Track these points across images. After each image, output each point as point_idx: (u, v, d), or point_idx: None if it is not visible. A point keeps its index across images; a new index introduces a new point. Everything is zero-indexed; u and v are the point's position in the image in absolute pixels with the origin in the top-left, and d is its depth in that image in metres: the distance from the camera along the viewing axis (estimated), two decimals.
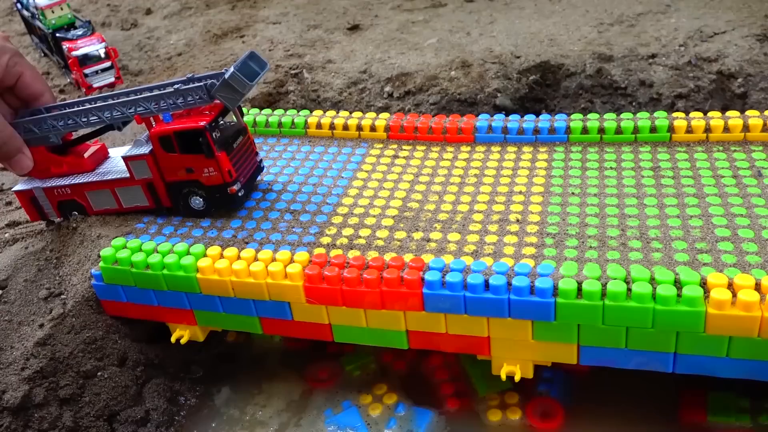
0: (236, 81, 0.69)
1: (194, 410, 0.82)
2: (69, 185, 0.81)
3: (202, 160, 0.75)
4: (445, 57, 1.23)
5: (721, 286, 0.58)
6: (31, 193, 0.83)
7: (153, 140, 0.75)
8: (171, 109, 0.73)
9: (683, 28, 1.20)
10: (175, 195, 0.79)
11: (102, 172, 0.82)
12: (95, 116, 0.75)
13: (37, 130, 0.77)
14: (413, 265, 0.67)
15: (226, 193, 0.77)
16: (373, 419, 0.77)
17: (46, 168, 0.82)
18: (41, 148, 0.79)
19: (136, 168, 0.78)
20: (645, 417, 0.73)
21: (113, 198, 0.81)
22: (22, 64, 0.75)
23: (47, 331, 0.75)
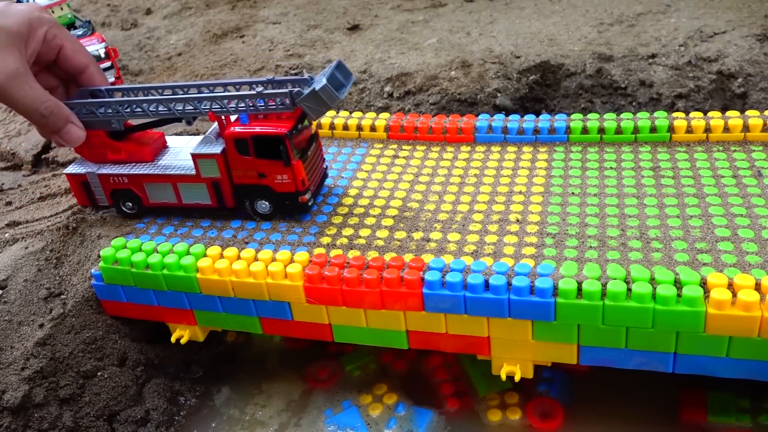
0: (326, 93, 0.67)
1: (194, 410, 0.82)
2: (127, 174, 0.79)
3: (276, 167, 0.73)
4: (445, 57, 1.23)
5: (721, 286, 0.58)
6: (84, 178, 0.81)
7: (228, 141, 0.73)
8: (249, 111, 0.71)
9: (683, 28, 1.20)
10: (241, 197, 0.77)
11: (164, 165, 0.79)
12: (165, 107, 0.73)
13: (100, 114, 0.74)
14: (413, 265, 0.67)
15: (296, 201, 0.75)
16: (373, 419, 0.77)
17: (102, 153, 0.79)
18: (100, 132, 0.77)
19: (203, 166, 0.75)
20: (645, 417, 0.73)
21: (173, 193, 0.79)
22: (61, 36, 0.70)
23: (47, 331, 0.75)
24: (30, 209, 0.97)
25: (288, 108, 0.70)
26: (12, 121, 1.30)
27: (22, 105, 0.65)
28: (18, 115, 1.32)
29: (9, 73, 0.63)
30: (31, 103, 0.65)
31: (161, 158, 0.80)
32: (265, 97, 0.70)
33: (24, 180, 1.15)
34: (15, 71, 0.63)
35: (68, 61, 0.72)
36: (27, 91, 0.65)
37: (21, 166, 1.19)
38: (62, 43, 0.70)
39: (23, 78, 0.64)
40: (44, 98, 0.66)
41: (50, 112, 0.68)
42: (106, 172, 0.79)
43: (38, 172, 1.17)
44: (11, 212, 0.99)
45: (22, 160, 1.19)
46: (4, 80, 0.62)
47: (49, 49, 0.70)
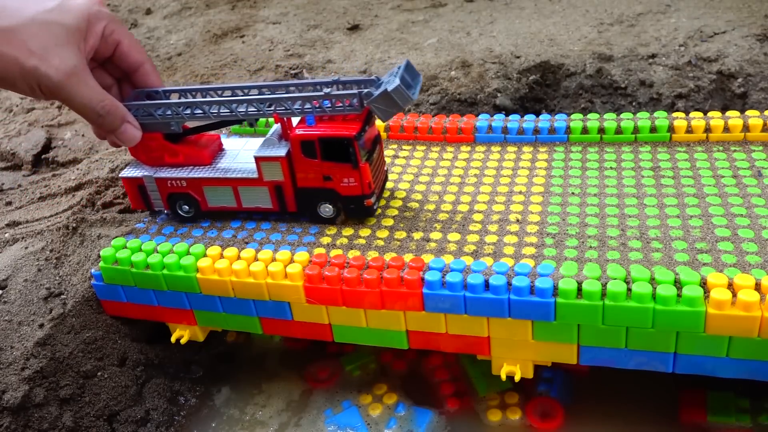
0: (399, 94, 0.65)
1: (194, 410, 0.82)
2: (186, 178, 0.77)
3: (344, 170, 0.71)
4: (445, 57, 1.23)
5: (721, 286, 0.58)
6: (140, 181, 0.78)
7: (293, 143, 0.71)
8: (316, 112, 0.69)
9: (683, 28, 1.20)
10: (304, 201, 0.75)
11: (224, 168, 0.77)
12: (227, 109, 0.71)
13: (158, 116, 0.72)
14: (413, 265, 0.67)
15: (361, 204, 0.73)
16: (373, 419, 0.77)
17: (159, 156, 0.77)
18: (157, 135, 0.75)
19: (267, 169, 0.73)
20: (645, 417, 0.73)
21: (233, 196, 0.77)
22: (119, 31, 0.68)
23: (47, 331, 0.75)
24: (30, 209, 0.97)
25: (356, 110, 0.68)
26: (12, 122, 1.30)
27: (80, 103, 0.63)
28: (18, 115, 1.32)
29: (67, 70, 0.60)
30: (89, 101, 0.63)
31: (219, 161, 0.78)
32: (333, 98, 0.68)
33: (24, 180, 1.15)
34: (73, 68, 0.61)
35: (125, 57, 0.70)
36: (84, 90, 0.62)
37: (21, 166, 1.19)
38: (120, 38, 0.68)
39: (81, 75, 0.62)
40: (101, 97, 0.64)
41: (107, 111, 0.66)
42: (164, 175, 0.77)
43: (38, 172, 1.17)
44: (11, 212, 0.99)
45: (22, 160, 1.19)
46: (62, 78, 0.60)
47: (106, 45, 0.67)
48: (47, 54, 0.59)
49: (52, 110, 1.31)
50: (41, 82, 0.59)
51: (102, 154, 1.03)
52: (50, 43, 0.59)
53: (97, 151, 1.14)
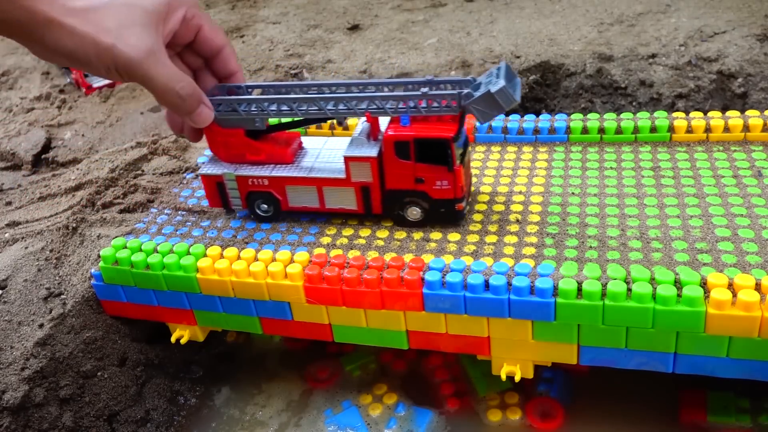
0: (503, 96, 0.63)
1: (194, 410, 0.82)
2: (268, 176, 0.74)
3: (438, 172, 0.69)
4: (445, 57, 1.23)
5: (721, 286, 0.58)
6: (220, 179, 0.76)
7: (386, 143, 0.69)
8: (410, 112, 0.67)
9: (683, 28, 1.20)
10: (391, 203, 0.73)
11: (308, 167, 0.74)
12: (316, 106, 0.69)
13: (243, 112, 0.70)
14: (413, 265, 0.67)
15: (452, 208, 0.71)
16: (373, 419, 0.77)
17: (240, 154, 0.75)
18: (239, 131, 0.73)
19: (355, 169, 0.71)
20: (645, 417, 0.73)
21: (317, 197, 0.74)
22: (200, 16, 0.66)
23: (47, 331, 0.75)
24: (30, 209, 0.97)
25: (453, 110, 0.66)
26: (12, 122, 1.30)
27: (160, 84, 0.61)
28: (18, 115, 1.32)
29: (144, 49, 0.58)
30: (168, 81, 0.61)
31: (301, 160, 0.76)
32: (430, 98, 0.66)
33: (24, 180, 1.15)
34: (150, 48, 0.59)
35: (207, 41, 0.68)
36: (163, 69, 0.60)
37: (21, 166, 1.19)
38: (201, 23, 0.67)
39: (159, 56, 0.60)
40: (180, 77, 0.62)
41: (187, 93, 0.64)
42: (245, 173, 0.75)
43: (38, 172, 1.17)
44: (11, 212, 0.99)
45: (22, 160, 1.19)
46: (140, 56, 0.58)
47: (188, 29, 0.66)
48: (124, 32, 0.57)
49: (52, 110, 1.31)
50: (118, 61, 0.57)
51: (102, 154, 1.03)
52: (127, 22, 0.57)
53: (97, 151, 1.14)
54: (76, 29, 0.55)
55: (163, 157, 0.98)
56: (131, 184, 0.91)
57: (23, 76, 1.49)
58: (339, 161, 0.73)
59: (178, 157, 0.97)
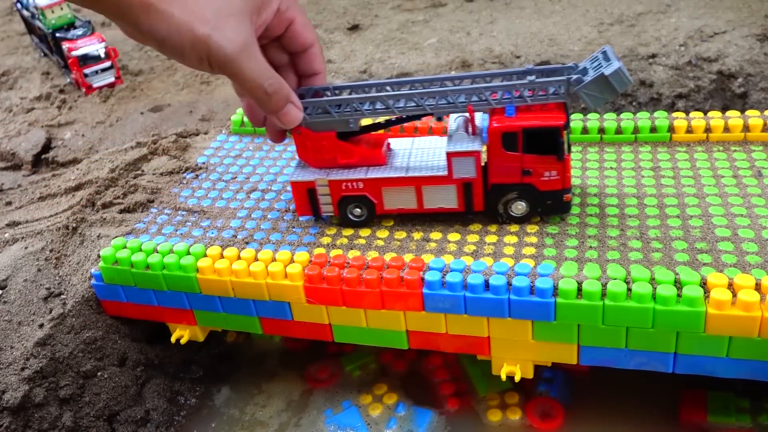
0: (618, 78, 0.60)
1: (194, 410, 0.82)
2: (363, 179, 0.71)
3: (547, 163, 0.66)
4: (445, 57, 1.23)
5: (721, 286, 0.58)
6: (311, 185, 0.73)
7: (493, 136, 0.66)
8: (516, 102, 0.65)
9: (683, 28, 1.20)
10: (495, 199, 0.70)
11: (402, 167, 0.72)
12: (413, 103, 0.67)
13: (335, 113, 0.68)
14: (413, 265, 0.67)
15: (560, 200, 0.69)
16: (373, 419, 0.77)
17: (331, 157, 0.72)
18: (331, 134, 0.70)
19: (458, 165, 0.68)
20: (645, 417, 0.73)
21: (415, 197, 0.72)
22: (294, 9, 0.63)
23: (47, 331, 0.75)
24: (30, 209, 0.97)
25: (561, 97, 0.64)
26: (12, 122, 1.30)
27: (249, 79, 0.59)
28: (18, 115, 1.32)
29: (240, 42, 0.56)
30: (258, 77, 0.59)
31: (393, 161, 0.73)
32: (537, 86, 0.63)
33: (24, 180, 1.15)
34: (245, 42, 0.57)
35: (297, 36, 0.65)
36: (255, 65, 0.58)
37: (21, 166, 1.19)
38: (294, 16, 0.64)
39: (252, 50, 0.58)
40: (270, 74, 0.60)
41: (274, 90, 0.61)
42: (338, 177, 0.72)
43: (38, 172, 1.17)
44: (11, 212, 0.99)
45: (22, 160, 1.19)
46: (234, 50, 0.56)
47: (280, 22, 0.63)
48: (221, 23, 0.55)
49: (52, 110, 1.31)
50: (212, 53, 0.55)
51: (102, 154, 1.03)
52: (224, 12, 0.55)
53: (97, 151, 1.14)
54: (173, 16, 0.53)
55: (163, 157, 0.98)
56: (131, 184, 0.91)
57: (23, 76, 1.49)
58: (436, 159, 0.71)
59: (178, 157, 0.97)
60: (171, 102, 1.23)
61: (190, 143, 1.01)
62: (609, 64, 0.61)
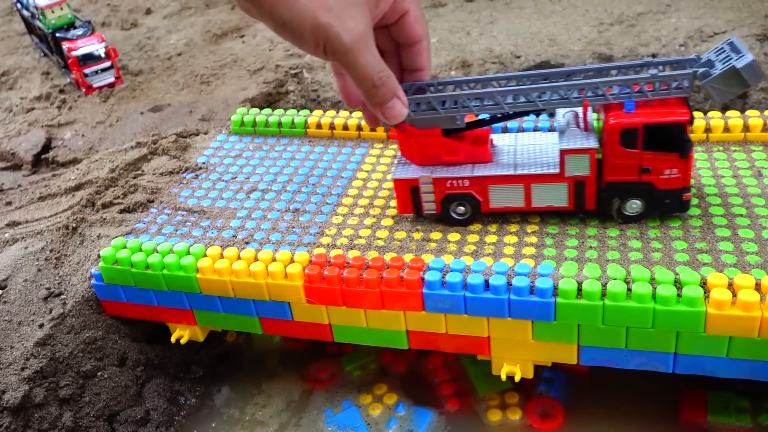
0: (750, 71, 0.57)
1: (194, 410, 0.82)
2: (470, 177, 0.70)
3: (668, 160, 0.64)
4: (445, 57, 1.23)
5: (721, 286, 0.58)
6: (414, 182, 0.71)
7: (610, 132, 0.64)
8: (635, 97, 0.63)
9: (683, 28, 1.20)
10: (609, 197, 0.68)
11: (509, 164, 0.70)
12: (525, 98, 0.65)
13: (442, 109, 0.66)
14: (413, 265, 0.67)
15: (679, 199, 0.67)
16: (373, 419, 0.77)
17: (435, 155, 0.71)
18: (437, 131, 0.69)
19: (571, 163, 0.66)
20: (645, 417, 0.73)
21: (522, 195, 0.70)
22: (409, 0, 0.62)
23: (47, 331, 0.75)
24: (30, 209, 0.97)
25: (683, 92, 0.62)
26: (12, 122, 1.30)
27: (360, 70, 0.58)
28: (18, 115, 1.32)
29: (358, 33, 0.55)
30: (369, 69, 0.58)
31: (500, 157, 0.72)
32: (659, 80, 0.61)
33: (24, 180, 1.15)
34: (362, 33, 0.56)
35: (408, 28, 0.63)
36: (368, 57, 0.57)
37: (21, 166, 1.19)
38: (408, 7, 0.62)
39: (368, 41, 0.57)
40: (381, 66, 0.59)
41: (383, 83, 0.60)
42: (443, 175, 0.70)
43: (38, 172, 1.17)
44: (11, 212, 0.99)
45: (22, 160, 1.19)
46: (352, 41, 0.55)
47: (394, 12, 0.61)
48: (343, 13, 0.54)
49: (52, 110, 1.31)
50: (329, 41, 0.55)
51: (102, 154, 1.03)
52: (346, 1, 0.55)
53: (97, 151, 1.14)
54: (298, 2, 0.53)
55: (163, 157, 0.98)
56: (131, 184, 0.91)
57: (23, 76, 1.49)
58: (545, 156, 0.70)
59: (178, 157, 0.97)
60: (171, 102, 1.23)
61: (190, 143, 1.01)
62: (740, 56, 0.58)
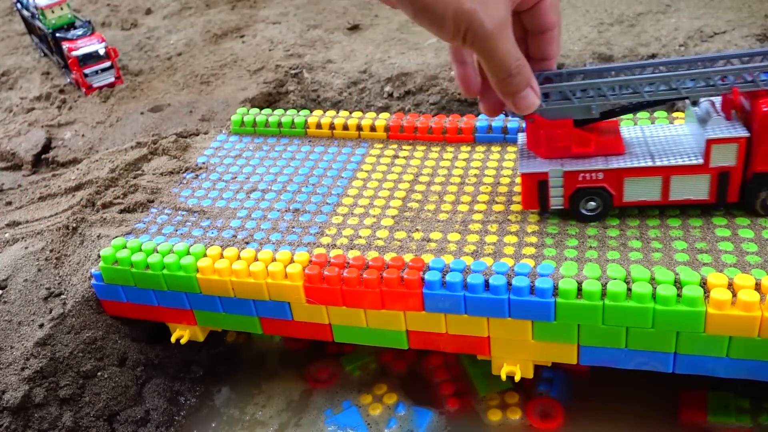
0: None
1: (194, 410, 0.82)
2: (604, 170, 0.67)
3: None
4: (445, 57, 1.23)
5: (721, 286, 0.58)
6: (543, 177, 0.68)
7: (763, 121, 0.61)
8: None
9: (683, 28, 1.20)
10: (755, 189, 0.66)
11: (645, 155, 0.67)
12: (665, 86, 0.62)
13: (577, 100, 0.64)
14: (413, 265, 0.67)
15: None
16: (373, 419, 0.77)
17: (565, 147, 0.68)
18: (568, 122, 0.66)
19: (718, 153, 0.64)
20: (645, 417, 0.73)
21: (660, 188, 0.67)
22: None
23: (47, 331, 0.75)
24: (30, 209, 0.97)
25: None
26: (12, 122, 1.30)
27: (499, 58, 0.56)
28: (18, 115, 1.32)
29: (500, 21, 0.53)
30: (507, 57, 0.56)
31: (632, 148, 0.69)
32: None
33: (24, 180, 1.15)
34: (504, 20, 0.54)
35: (542, 14, 0.61)
36: (508, 44, 0.55)
37: (21, 166, 1.19)
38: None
39: (508, 29, 0.55)
40: (518, 55, 0.57)
41: (518, 72, 0.58)
42: (575, 168, 0.67)
43: (38, 172, 1.17)
44: (11, 212, 0.99)
45: (22, 160, 1.19)
46: (493, 28, 0.53)
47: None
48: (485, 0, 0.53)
49: (52, 110, 1.31)
50: (472, 28, 0.53)
51: (102, 154, 1.03)
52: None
53: (97, 151, 1.14)
54: None
55: (163, 157, 0.98)
56: (131, 184, 0.91)
57: (23, 76, 1.49)
58: (684, 146, 0.67)
59: (178, 157, 0.97)
60: (171, 102, 1.23)
61: (190, 143, 1.01)
62: None
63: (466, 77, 0.64)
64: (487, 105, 0.65)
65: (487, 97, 0.64)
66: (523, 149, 0.72)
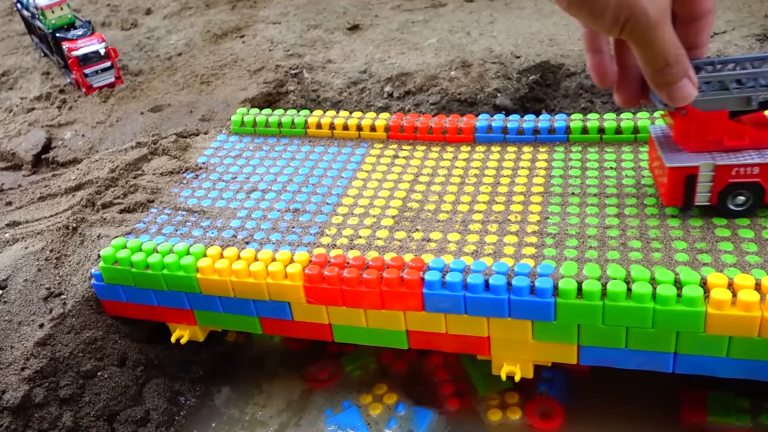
0: None
1: (194, 410, 0.82)
2: (760, 164, 0.64)
3: None
4: (445, 57, 1.23)
5: (721, 286, 0.58)
6: (692, 171, 0.65)
7: None
8: None
9: None
10: None
11: None
12: None
13: (735, 89, 0.61)
14: (413, 265, 0.67)
15: None
16: (373, 419, 0.77)
17: (717, 140, 0.65)
18: (723, 114, 0.64)
19: None
20: (645, 417, 0.73)
21: None
22: None
23: (47, 331, 0.75)
24: (30, 209, 0.97)
25: None
26: (12, 122, 1.30)
27: (659, 47, 0.53)
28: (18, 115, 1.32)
29: (663, 9, 0.51)
30: (666, 47, 0.54)
31: None
32: None
33: (24, 180, 1.15)
34: (666, 7, 0.52)
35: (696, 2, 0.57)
36: (668, 33, 0.53)
37: (21, 166, 1.19)
38: None
39: (668, 17, 0.52)
40: (678, 44, 0.54)
41: (677, 62, 0.55)
42: (728, 162, 0.64)
43: (38, 172, 1.17)
44: (11, 212, 0.99)
45: (22, 160, 1.19)
46: (656, 16, 0.51)
47: None
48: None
49: (52, 110, 1.31)
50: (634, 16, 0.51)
51: (102, 154, 1.03)
52: None
53: (97, 151, 1.14)
54: None
55: (163, 157, 0.98)
56: (131, 184, 0.91)
57: (23, 76, 1.49)
58: None
59: (178, 157, 0.97)
60: (171, 102, 1.23)
61: (190, 143, 1.01)
62: None
63: (602, 67, 0.61)
64: (624, 96, 0.63)
65: (624, 87, 0.62)
66: (662, 142, 0.68)
